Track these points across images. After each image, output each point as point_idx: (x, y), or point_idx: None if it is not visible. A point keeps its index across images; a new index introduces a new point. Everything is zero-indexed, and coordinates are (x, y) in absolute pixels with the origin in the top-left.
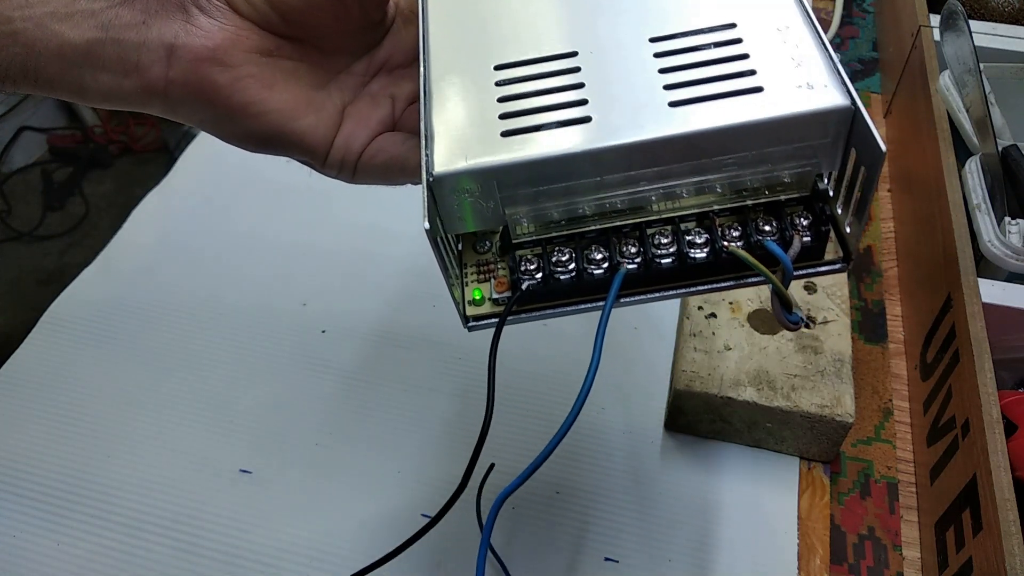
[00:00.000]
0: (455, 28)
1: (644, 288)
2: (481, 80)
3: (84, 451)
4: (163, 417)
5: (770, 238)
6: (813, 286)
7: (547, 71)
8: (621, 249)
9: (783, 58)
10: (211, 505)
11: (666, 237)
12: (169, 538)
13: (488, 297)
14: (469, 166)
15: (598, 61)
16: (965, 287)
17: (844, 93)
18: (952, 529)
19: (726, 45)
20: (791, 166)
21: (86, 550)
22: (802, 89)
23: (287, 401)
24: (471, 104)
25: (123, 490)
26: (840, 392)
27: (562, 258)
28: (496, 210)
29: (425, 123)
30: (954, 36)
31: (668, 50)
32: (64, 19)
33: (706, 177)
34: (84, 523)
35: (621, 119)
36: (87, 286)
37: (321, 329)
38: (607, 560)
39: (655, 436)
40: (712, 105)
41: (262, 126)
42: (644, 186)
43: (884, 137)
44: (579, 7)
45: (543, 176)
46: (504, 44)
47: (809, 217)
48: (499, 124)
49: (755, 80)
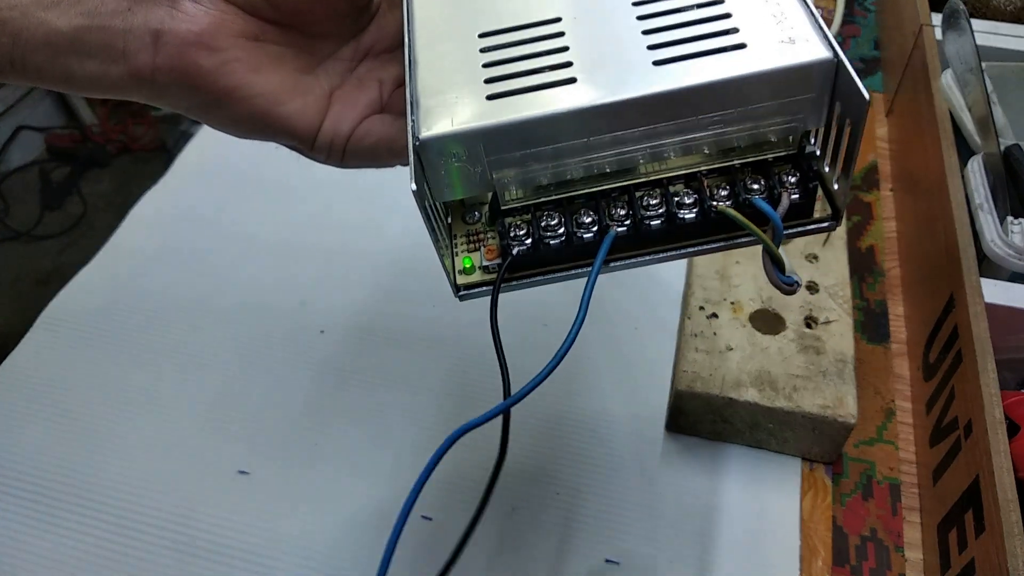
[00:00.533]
0: (439, 0)
1: (634, 251)
2: (466, 47)
3: (82, 451)
4: (161, 417)
5: (758, 196)
6: (815, 286)
7: (531, 36)
8: (610, 212)
9: (765, 15)
10: (209, 505)
11: (655, 199)
12: (167, 538)
13: (478, 266)
14: (455, 130)
15: (582, 25)
16: (968, 287)
17: (827, 46)
18: (955, 530)
19: (709, 6)
20: (777, 123)
21: (84, 550)
22: (785, 44)
23: (285, 401)
24: (456, 70)
25: (121, 490)
26: (842, 393)
27: (551, 223)
28: (484, 175)
29: (410, 90)
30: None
31: (651, 12)
32: (50, 7)
33: (692, 136)
34: (82, 523)
35: (606, 79)
36: (85, 286)
37: (320, 329)
38: (608, 561)
39: (656, 437)
40: (696, 62)
41: (249, 110)
42: (631, 147)
43: (886, 136)
44: None
45: (529, 138)
46: (488, 13)
47: (796, 175)
48: (485, 88)
49: (738, 37)
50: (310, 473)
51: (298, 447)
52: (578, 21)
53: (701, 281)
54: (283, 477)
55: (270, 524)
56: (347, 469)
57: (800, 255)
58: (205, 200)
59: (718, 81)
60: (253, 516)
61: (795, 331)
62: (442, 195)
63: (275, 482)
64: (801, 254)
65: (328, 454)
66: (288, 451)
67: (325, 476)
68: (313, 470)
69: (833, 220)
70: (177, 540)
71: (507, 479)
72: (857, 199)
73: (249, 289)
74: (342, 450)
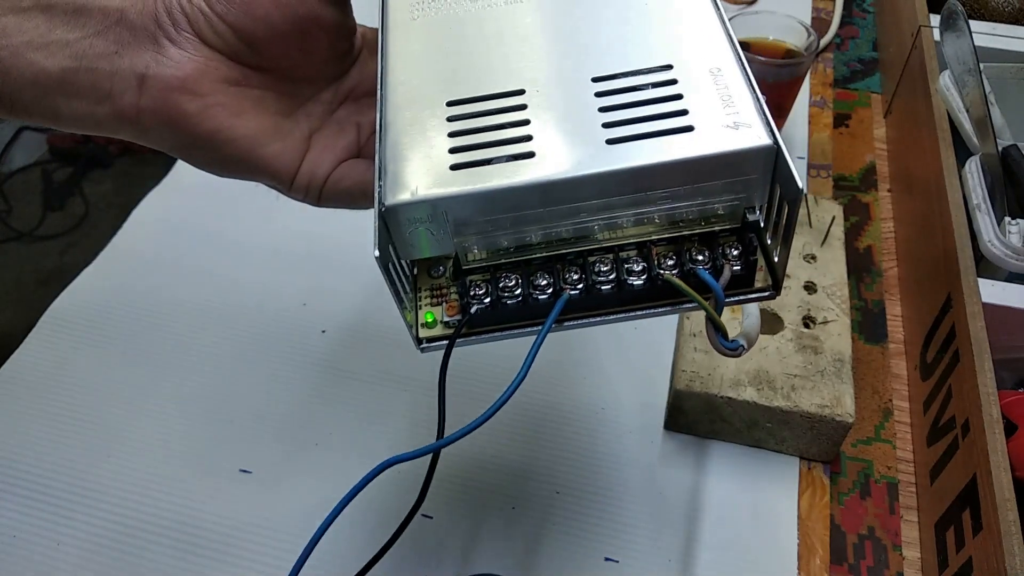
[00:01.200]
0: (411, 63)
1: (585, 313)
2: (434, 115)
3: (84, 451)
4: (163, 417)
5: (703, 267)
6: (813, 286)
7: (496, 108)
8: (565, 276)
9: (714, 98)
10: (211, 505)
11: (606, 265)
12: (169, 537)
13: (440, 320)
14: (419, 198)
15: (544, 99)
16: (965, 287)
17: (768, 133)
18: (952, 529)
19: (662, 86)
20: (723, 199)
21: (86, 549)
22: (730, 129)
23: (287, 401)
24: (423, 138)
25: (123, 490)
26: (840, 392)
27: (509, 283)
28: (447, 238)
29: (379, 156)
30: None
31: (608, 89)
32: (40, 48)
33: (643, 209)
34: (84, 523)
35: (563, 155)
36: (87, 286)
37: (321, 329)
38: (607, 560)
39: (655, 436)
40: (646, 143)
41: (230, 153)
42: (586, 217)
43: (884, 137)
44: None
45: (490, 207)
46: (457, 80)
47: (739, 247)
48: (449, 158)
49: (687, 119)
50: (311, 472)
51: (299, 446)
52: (540, 94)
53: None
54: (284, 476)
55: (271, 522)
56: (348, 468)
57: (798, 255)
58: (207, 202)
59: (665, 163)
60: (254, 514)
61: (793, 331)
62: (408, 255)
63: (276, 481)
64: (799, 254)
65: (329, 454)
66: (289, 450)
67: (326, 475)
68: (314, 469)
69: (773, 290)
70: (179, 538)
71: (507, 478)
72: (855, 199)
73: (250, 290)
74: (343, 450)
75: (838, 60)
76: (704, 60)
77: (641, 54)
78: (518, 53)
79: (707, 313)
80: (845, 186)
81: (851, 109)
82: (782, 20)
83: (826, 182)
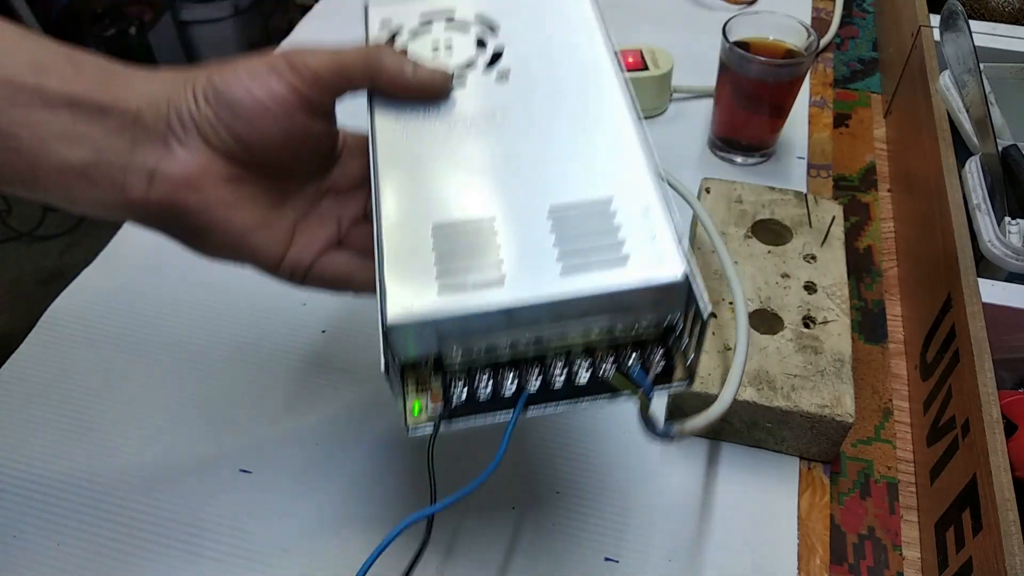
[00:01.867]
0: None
1: (544, 402)
2: (422, 240)
3: (84, 450)
4: (163, 417)
5: (635, 366)
6: (813, 286)
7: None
8: (527, 374)
9: (644, 235)
10: (211, 505)
11: (560, 365)
12: (169, 537)
13: (425, 408)
14: (414, 319)
15: (510, 228)
16: (965, 287)
17: (684, 264)
18: (952, 529)
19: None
20: (650, 314)
21: (86, 550)
22: (654, 261)
23: (287, 401)
24: (415, 262)
25: (123, 490)
26: (840, 392)
27: (482, 380)
28: (433, 345)
29: (379, 275)
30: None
31: (563, 221)
32: (64, 140)
33: (589, 322)
34: (84, 523)
35: (526, 283)
36: (88, 286)
37: (321, 329)
38: (607, 560)
39: None
40: (591, 275)
41: (224, 240)
42: (544, 329)
43: (884, 137)
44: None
45: (468, 324)
46: (440, 205)
47: (662, 350)
48: (435, 284)
49: (623, 251)
50: (311, 472)
51: (299, 446)
52: (508, 222)
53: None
54: (284, 476)
55: (272, 523)
56: (348, 469)
57: (799, 256)
58: None
59: (604, 292)
60: (255, 515)
61: (793, 331)
62: (401, 356)
63: (276, 481)
64: (800, 255)
65: (329, 454)
66: (289, 450)
67: (326, 475)
68: (314, 469)
69: (689, 380)
70: (179, 538)
71: (507, 478)
72: (855, 199)
73: (251, 289)
74: (343, 450)
75: (838, 60)
76: (637, 197)
77: (591, 185)
78: (492, 178)
79: (640, 404)
80: (845, 186)
81: (851, 109)
82: (782, 20)
83: (826, 182)
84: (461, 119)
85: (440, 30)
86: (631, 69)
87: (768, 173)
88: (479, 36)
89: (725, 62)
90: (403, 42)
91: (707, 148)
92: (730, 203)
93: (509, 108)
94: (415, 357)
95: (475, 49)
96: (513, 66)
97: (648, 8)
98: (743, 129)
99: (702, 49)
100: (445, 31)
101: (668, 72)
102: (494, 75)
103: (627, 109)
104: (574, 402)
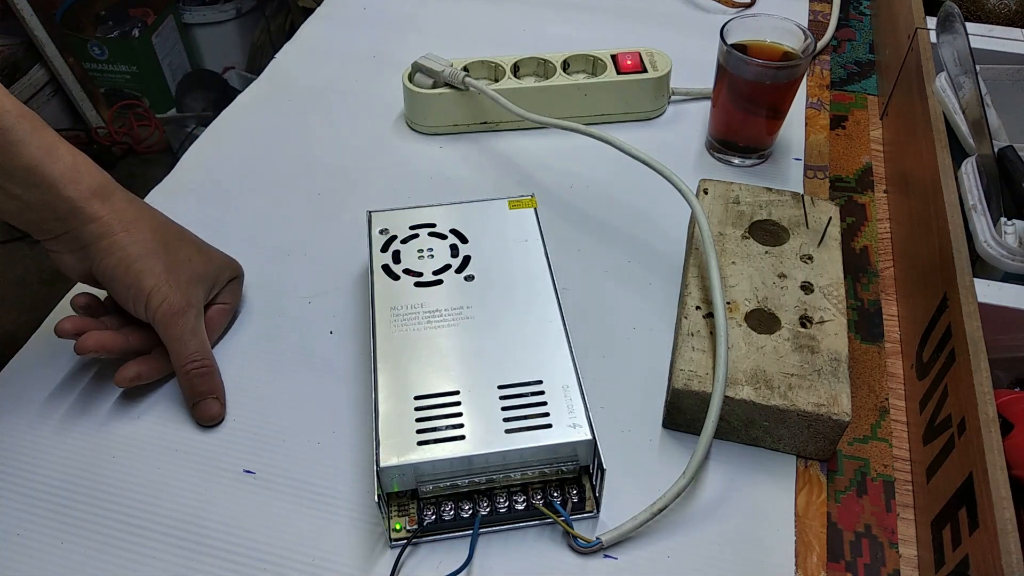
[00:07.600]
0: (393, 367)
1: (493, 524)
2: (406, 406)
3: (88, 451)
4: (166, 416)
5: (556, 499)
6: (810, 286)
7: (443, 404)
8: (478, 503)
9: (564, 406)
10: (214, 505)
11: (502, 498)
12: (172, 537)
13: (404, 528)
14: (399, 463)
15: (470, 398)
16: (961, 287)
17: (590, 431)
18: (948, 527)
19: (536, 395)
20: (568, 462)
21: (90, 548)
22: (570, 427)
23: (291, 401)
24: (401, 423)
25: (127, 490)
26: (837, 391)
27: (447, 506)
28: (412, 481)
29: (376, 430)
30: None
31: (507, 395)
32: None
33: (524, 466)
34: (88, 522)
35: (480, 438)
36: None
37: (328, 330)
38: (607, 557)
39: (653, 434)
40: (526, 434)
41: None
42: (492, 471)
43: (880, 139)
44: (464, 358)
45: (438, 467)
46: (421, 381)
47: (576, 488)
48: (415, 436)
49: (548, 419)
50: (315, 472)
51: (303, 446)
52: (469, 395)
53: (698, 281)
54: (289, 476)
55: (276, 523)
56: (351, 469)
57: (796, 256)
58: (209, 200)
59: (534, 447)
60: (259, 515)
61: (790, 330)
62: (388, 489)
63: (281, 481)
64: (796, 255)
65: (333, 454)
66: (293, 450)
67: (330, 475)
68: (319, 469)
69: (596, 510)
70: (184, 539)
71: None
72: (852, 200)
73: (255, 289)
74: (347, 450)
75: (835, 62)
76: (560, 378)
77: (527, 369)
78: (459, 362)
79: (564, 528)
80: (842, 187)
81: (848, 111)
82: (779, 23)
83: (823, 183)
84: (440, 309)
85: (424, 237)
86: (630, 71)
87: (765, 174)
88: (452, 244)
89: (723, 64)
90: (396, 246)
91: (705, 149)
92: (728, 204)
93: (473, 304)
94: (398, 490)
95: (450, 256)
96: (477, 273)
97: (647, 11)
98: (741, 131)
99: (700, 51)
100: (428, 238)
101: (666, 74)
102: (463, 277)
103: (556, 308)
104: (517, 523)
